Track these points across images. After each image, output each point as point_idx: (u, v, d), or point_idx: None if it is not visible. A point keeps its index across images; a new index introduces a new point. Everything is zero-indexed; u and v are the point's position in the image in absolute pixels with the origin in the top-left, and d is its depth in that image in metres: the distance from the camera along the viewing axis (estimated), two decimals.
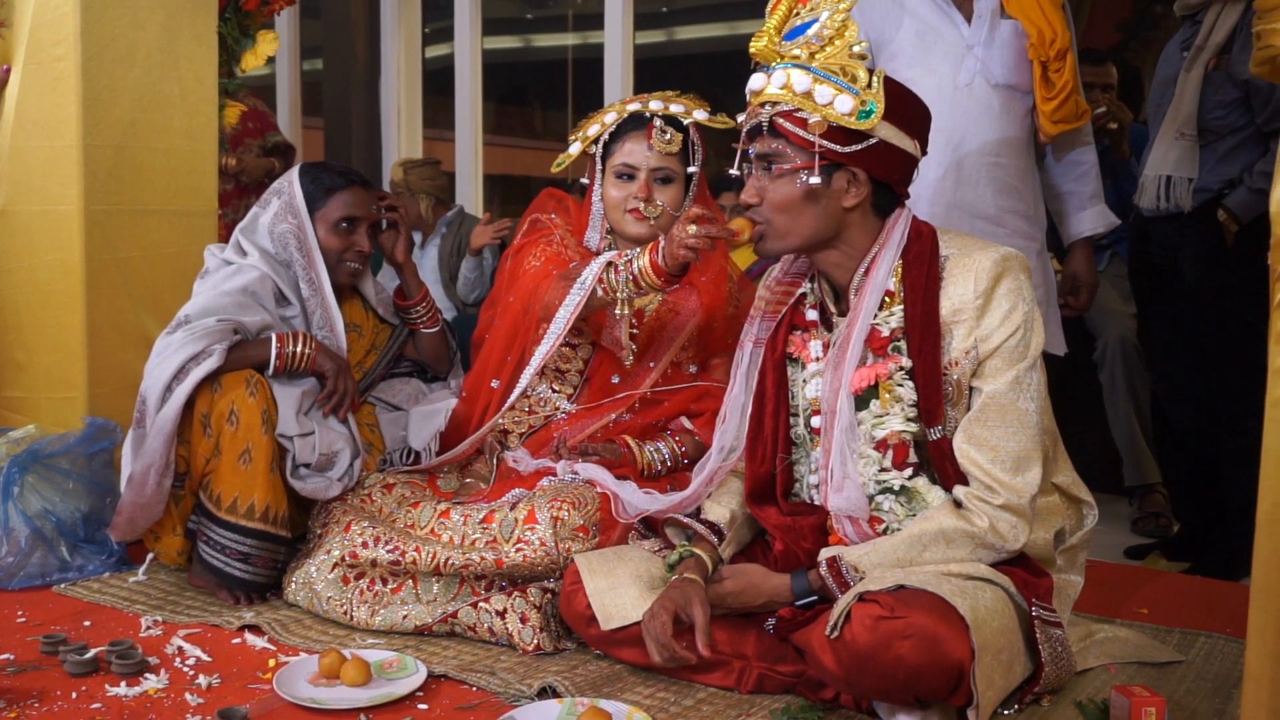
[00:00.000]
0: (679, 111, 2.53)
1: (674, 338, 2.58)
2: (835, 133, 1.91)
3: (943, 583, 1.79)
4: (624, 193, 2.53)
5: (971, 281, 1.91)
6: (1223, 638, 2.32)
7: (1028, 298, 1.93)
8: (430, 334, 2.82)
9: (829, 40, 1.91)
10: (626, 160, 2.52)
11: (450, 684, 2.06)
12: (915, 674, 1.71)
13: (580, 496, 2.29)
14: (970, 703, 1.74)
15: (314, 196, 2.63)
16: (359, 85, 6.07)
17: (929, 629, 1.71)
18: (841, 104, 1.89)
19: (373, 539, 2.33)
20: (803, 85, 1.90)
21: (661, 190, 2.52)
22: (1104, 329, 3.67)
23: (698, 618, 1.92)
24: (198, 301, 2.51)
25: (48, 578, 2.62)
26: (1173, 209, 2.99)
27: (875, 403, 1.96)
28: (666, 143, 2.50)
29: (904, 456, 1.95)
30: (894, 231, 1.99)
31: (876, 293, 1.97)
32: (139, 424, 2.40)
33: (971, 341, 1.91)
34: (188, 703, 1.96)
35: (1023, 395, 1.90)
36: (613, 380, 2.58)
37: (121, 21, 2.94)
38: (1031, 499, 1.89)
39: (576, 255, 2.56)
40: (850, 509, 1.96)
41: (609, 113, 2.58)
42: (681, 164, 2.53)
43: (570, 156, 2.60)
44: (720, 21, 6.41)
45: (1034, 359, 1.93)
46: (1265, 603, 1.49)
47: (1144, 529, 3.50)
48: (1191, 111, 2.95)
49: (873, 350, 1.97)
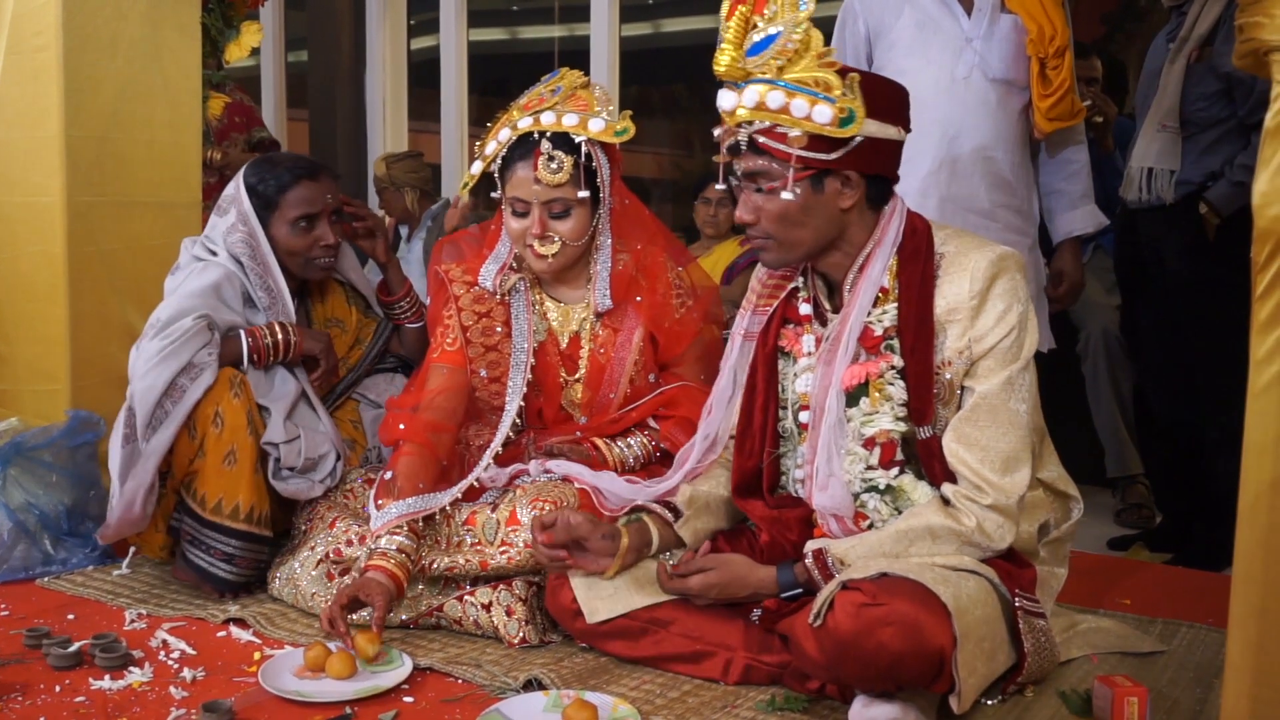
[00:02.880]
0: (571, 125, 2.28)
1: (623, 357, 2.47)
2: (817, 141, 1.88)
3: (926, 571, 1.80)
4: (521, 226, 2.34)
5: (967, 281, 1.91)
6: (1205, 628, 2.33)
7: (1023, 298, 1.93)
8: (415, 329, 2.81)
9: (795, 53, 1.88)
10: (517, 194, 2.32)
11: (436, 676, 2.05)
12: (897, 661, 1.72)
13: (561, 494, 2.28)
14: (952, 690, 1.75)
15: (267, 197, 2.55)
16: (344, 77, 6.04)
17: (911, 616, 1.71)
18: (820, 114, 1.86)
19: (357, 537, 2.32)
20: (777, 101, 1.86)
21: (558, 224, 2.33)
22: (1087, 321, 3.68)
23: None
24: (169, 304, 2.47)
25: (31, 571, 2.61)
26: (1155, 201, 3.00)
27: (865, 400, 1.96)
28: (554, 172, 2.28)
29: (891, 455, 1.95)
30: (889, 226, 1.98)
31: (871, 290, 1.97)
32: (129, 439, 2.37)
33: (965, 341, 1.91)
34: (172, 696, 1.95)
35: (1014, 396, 1.91)
36: (580, 421, 2.51)
37: (103, 11, 2.91)
38: (1019, 499, 1.90)
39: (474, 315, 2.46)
40: (835, 507, 1.96)
41: (503, 127, 2.35)
42: (576, 189, 2.30)
43: (473, 177, 2.39)
44: (706, 14, 6.40)
45: (1027, 360, 1.93)
46: (1246, 593, 1.49)
47: (1127, 520, 3.52)
48: (1174, 103, 2.96)
49: (865, 348, 1.97)
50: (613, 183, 2.42)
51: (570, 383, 2.49)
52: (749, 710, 1.91)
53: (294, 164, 2.61)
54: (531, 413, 2.50)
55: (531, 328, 2.47)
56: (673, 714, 1.89)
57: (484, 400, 2.48)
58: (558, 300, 2.51)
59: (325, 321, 2.75)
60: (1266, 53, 1.55)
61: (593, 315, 2.48)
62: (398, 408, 2.43)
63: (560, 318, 2.50)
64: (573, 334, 2.49)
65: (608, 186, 2.40)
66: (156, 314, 2.46)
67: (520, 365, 2.44)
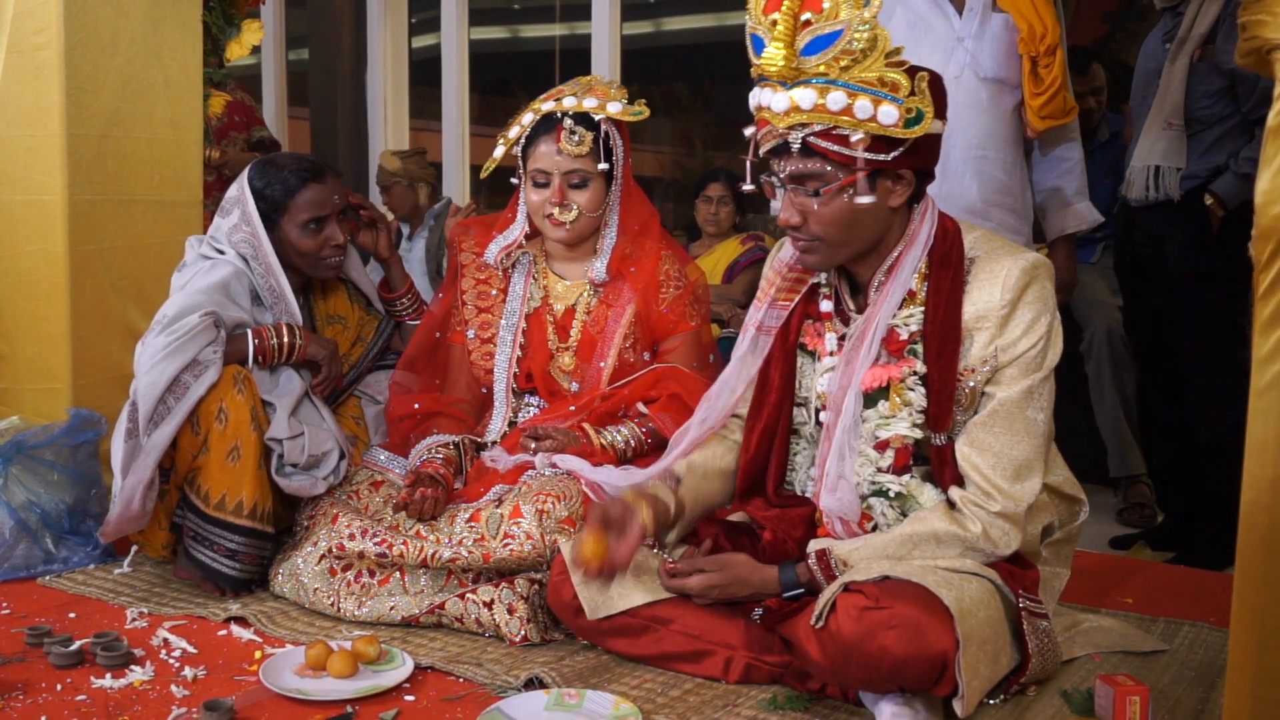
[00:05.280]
0: (591, 107, 2.49)
1: (615, 329, 2.56)
2: (879, 143, 1.84)
3: (928, 574, 1.80)
4: (541, 198, 2.52)
5: (999, 289, 1.88)
6: (1206, 627, 2.33)
7: (1051, 307, 1.90)
8: (416, 325, 2.81)
9: (861, 53, 1.81)
10: (539, 166, 2.51)
11: (437, 675, 2.05)
12: (900, 664, 1.72)
13: (565, 489, 2.29)
14: (956, 693, 1.75)
15: (275, 201, 2.56)
16: (345, 75, 6.05)
17: (913, 619, 1.71)
18: (885, 115, 1.81)
19: (360, 531, 2.33)
20: (839, 103, 1.81)
21: (576, 194, 2.51)
22: (1091, 320, 3.68)
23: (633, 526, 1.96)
24: (176, 301, 2.47)
25: (32, 569, 2.61)
26: (1162, 198, 3.01)
27: (884, 404, 1.94)
28: (576, 144, 2.47)
29: (905, 461, 1.94)
30: (921, 228, 1.95)
31: (899, 292, 1.94)
32: (131, 434, 2.37)
33: (992, 349, 1.89)
34: (173, 694, 1.95)
35: (1033, 405, 1.89)
36: (571, 388, 2.57)
37: (104, 9, 2.91)
38: (1028, 507, 1.89)
39: (474, 280, 2.66)
40: (842, 510, 1.95)
41: (527, 113, 2.55)
42: (594, 162, 2.49)
43: (495, 161, 2.58)
44: (707, 12, 6.40)
45: (1049, 370, 1.90)
46: (1248, 592, 1.49)
47: (1129, 519, 3.52)
48: (1178, 102, 2.96)
49: (888, 351, 1.94)
50: (624, 165, 2.57)
51: (561, 350, 2.58)
52: (750, 709, 1.91)
53: (299, 166, 2.60)
54: (521, 376, 2.60)
55: (526, 294, 2.63)
56: (674, 713, 1.89)
57: (476, 364, 2.61)
58: (560, 276, 2.64)
59: (327, 318, 2.75)
60: (1269, 51, 1.55)
61: (589, 289, 2.60)
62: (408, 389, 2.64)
63: (560, 291, 2.62)
64: (569, 306, 2.62)
65: (620, 165, 2.56)
66: (163, 309, 2.47)
67: (511, 326, 2.59)
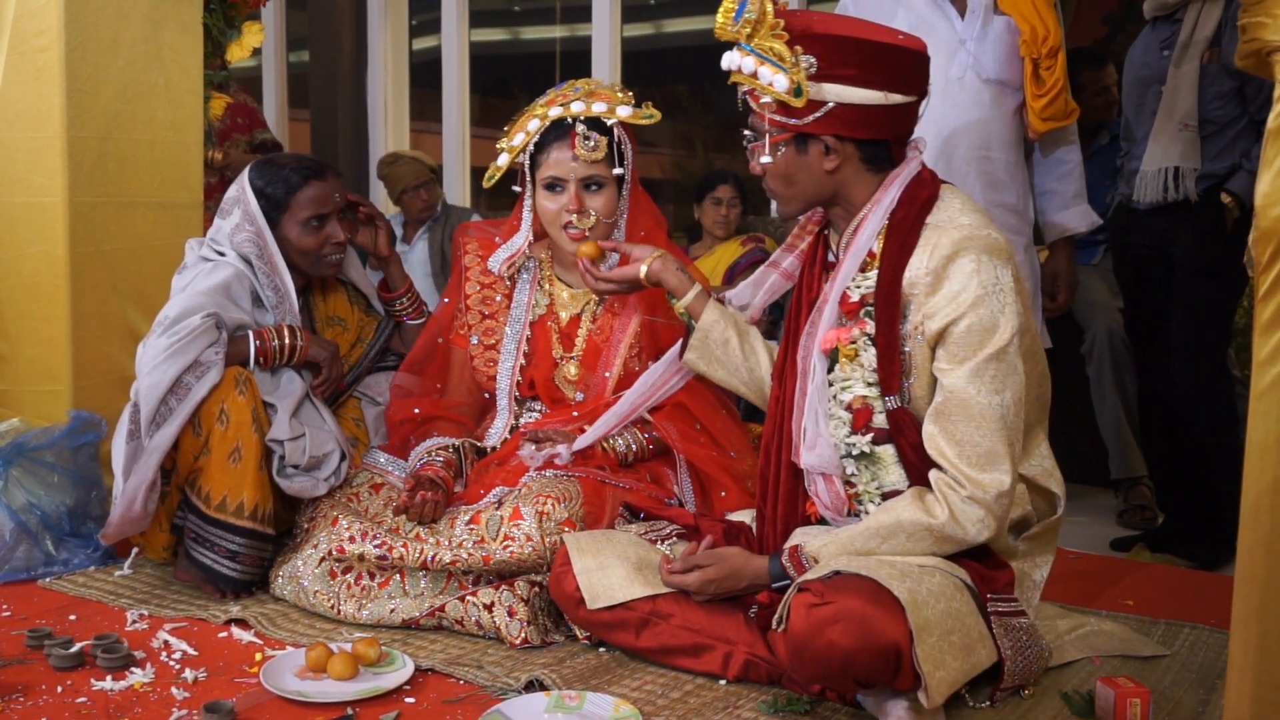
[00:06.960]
0: (601, 112, 2.45)
1: (621, 339, 2.54)
2: (785, 107, 1.93)
3: (881, 567, 1.79)
4: (556, 205, 2.47)
5: (927, 256, 1.89)
6: (1207, 629, 2.33)
7: (986, 283, 1.85)
8: (415, 325, 2.81)
9: (754, 23, 1.93)
10: (553, 173, 2.46)
11: (437, 677, 2.05)
12: (849, 657, 1.71)
13: (565, 491, 2.29)
14: (920, 685, 1.74)
15: (276, 199, 2.56)
16: (346, 77, 6.05)
17: (857, 611, 1.71)
18: (779, 83, 1.91)
19: (360, 534, 2.33)
20: (749, 67, 1.95)
21: (593, 198, 2.47)
22: (1092, 322, 3.68)
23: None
24: (178, 302, 2.47)
25: (32, 571, 2.61)
26: (1180, 199, 3.01)
27: (839, 366, 1.97)
28: (591, 149, 2.43)
29: (865, 421, 1.94)
30: (886, 192, 1.97)
31: (858, 255, 1.98)
32: (133, 435, 2.37)
33: (920, 317, 1.89)
34: (174, 697, 1.95)
35: (983, 388, 1.84)
36: (576, 398, 2.56)
37: (105, 11, 2.91)
38: (998, 496, 1.85)
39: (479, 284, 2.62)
40: (823, 465, 1.96)
41: (531, 119, 2.49)
42: (609, 167, 2.46)
43: (500, 169, 2.53)
44: (707, 14, 6.39)
45: (996, 349, 1.84)
46: (1248, 594, 1.49)
47: (1129, 521, 3.51)
48: (1191, 105, 2.97)
49: (843, 312, 1.98)
50: (632, 170, 2.55)
51: (566, 359, 2.56)
52: (750, 711, 1.91)
53: (299, 165, 2.61)
54: (524, 383, 2.57)
55: (531, 301, 2.60)
56: (674, 715, 1.89)
57: (479, 370, 2.59)
58: (565, 284, 2.61)
59: (327, 320, 2.75)
60: (1269, 53, 1.55)
61: (595, 297, 2.57)
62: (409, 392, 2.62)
63: (565, 299, 2.60)
64: (574, 315, 2.59)
65: (630, 170, 2.53)
66: (165, 311, 2.47)
67: (515, 334, 2.56)
